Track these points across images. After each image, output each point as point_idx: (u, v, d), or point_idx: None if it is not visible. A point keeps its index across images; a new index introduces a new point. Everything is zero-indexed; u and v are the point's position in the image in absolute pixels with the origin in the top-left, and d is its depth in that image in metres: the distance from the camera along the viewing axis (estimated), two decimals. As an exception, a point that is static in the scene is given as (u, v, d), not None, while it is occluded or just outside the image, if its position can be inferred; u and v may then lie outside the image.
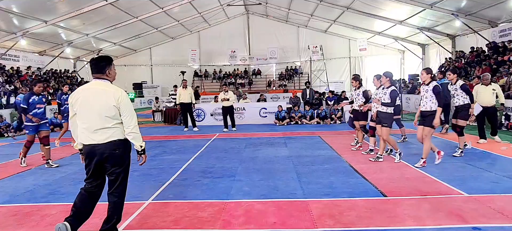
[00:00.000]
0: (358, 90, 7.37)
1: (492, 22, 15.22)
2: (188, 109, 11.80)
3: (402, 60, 25.60)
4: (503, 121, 10.31)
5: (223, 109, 11.57)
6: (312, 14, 22.42)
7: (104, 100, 3.17)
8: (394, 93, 5.97)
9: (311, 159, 6.76)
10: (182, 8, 20.58)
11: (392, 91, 5.97)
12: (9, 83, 16.74)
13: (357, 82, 7.45)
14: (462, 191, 4.52)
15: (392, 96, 5.96)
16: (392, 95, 5.96)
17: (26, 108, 6.46)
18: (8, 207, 4.46)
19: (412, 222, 3.62)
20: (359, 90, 7.37)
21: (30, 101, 6.49)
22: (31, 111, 6.48)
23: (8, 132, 12.08)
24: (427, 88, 5.75)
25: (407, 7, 16.35)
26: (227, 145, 8.76)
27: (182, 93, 11.67)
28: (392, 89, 5.99)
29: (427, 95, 5.73)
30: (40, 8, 14.71)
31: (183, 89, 11.73)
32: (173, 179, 5.60)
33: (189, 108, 11.78)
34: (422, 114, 5.87)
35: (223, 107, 11.56)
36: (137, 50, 27.48)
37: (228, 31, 27.10)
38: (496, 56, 14.10)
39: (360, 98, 7.30)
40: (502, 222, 3.57)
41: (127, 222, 3.83)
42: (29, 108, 6.47)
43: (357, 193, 4.61)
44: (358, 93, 7.35)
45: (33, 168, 6.67)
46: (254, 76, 28.11)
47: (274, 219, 3.80)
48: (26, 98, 6.51)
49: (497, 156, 6.65)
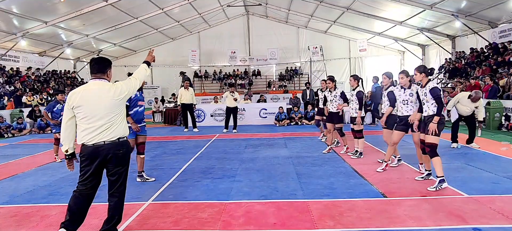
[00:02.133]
0: (335, 92, 7.31)
1: (492, 23, 15.23)
2: (189, 110, 11.79)
3: (402, 61, 25.61)
4: (503, 122, 10.32)
5: (228, 110, 11.39)
6: (312, 15, 22.43)
7: (108, 97, 3.20)
8: (390, 95, 5.72)
9: (311, 160, 6.76)
10: (182, 9, 20.59)
11: (388, 93, 5.77)
12: (9, 84, 16.75)
13: (332, 84, 7.37)
14: (462, 192, 4.52)
15: (389, 97, 5.75)
16: (389, 96, 5.75)
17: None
18: (8, 208, 4.45)
19: (412, 222, 3.62)
20: (336, 91, 7.31)
21: (55, 110, 7.29)
22: (57, 117, 7.21)
23: (9, 133, 12.09)
24: (424, 90, 4.86)
25: (407, 7, 16.36)
26: (227, 146, 8.76)
27: (183, 93, 11.64)
28: (388, 91, 5.78)
29: (427, 99, 4.82)
30: (40, 9, 14.72)
31: (185, 90, 11.68)
32: (173, 179, 5.59)
33: (190, 109, 11.77)
34: (423, 119, 4.98)
35: (227, 108, 11.39)
36: (137, 51, 27.48)
37: (228, 32, 27.12)
38: (496, 57, 14.11)
39: (338, 99, 7.27)
40: (502, 222, 3.56)
41: (127, 223, 3.82)
42: (54, 115, 7.28)
43: (357, 193, 4.60)
44: (335, 95, 7.29)
45: (33, 169, 6.66)
46: (254, 77, 28.12)
47: (274, 220, 3.79)
48: (51, 106, 7.38)
49: (498, 156, 6.65)
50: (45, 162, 7.26)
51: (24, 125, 12.68)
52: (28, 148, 9.30)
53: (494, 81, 11.98)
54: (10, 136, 12.00)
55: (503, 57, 13.73)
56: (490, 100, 10.83)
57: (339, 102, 7.26)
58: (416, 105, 5.21)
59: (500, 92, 11.50)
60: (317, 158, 6.92)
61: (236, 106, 11.46)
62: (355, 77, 6.86)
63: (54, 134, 7.38)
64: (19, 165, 7.13)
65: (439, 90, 4.78)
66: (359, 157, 6.73)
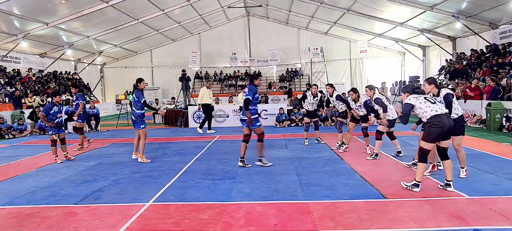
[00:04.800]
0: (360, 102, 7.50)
1: (493, 24, 15.22)
2: (210, 111, 11.62)
3: (403, 62, 25.59)
4: (504, 123, 10.30)
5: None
6: (313, 16, 22.43)
7: None
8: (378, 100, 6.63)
9: (311, 161, 6.76)
10: (183, 10, 20.61)
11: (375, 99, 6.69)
12: (10, 85, 16.77)
13: (356, 95, 7.47)
14: (463, 193, 4.51)
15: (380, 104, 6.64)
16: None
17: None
18: (8, 209, 4.46)
19: (413, 224, 3.62)
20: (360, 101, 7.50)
21: (51, 112, 7.34)
22: (54, 120, 7.38)
23: (10, 134, 12.10)
24: (439, 98, 4.95)
25: (407, 9, 16.34)
26: (228, 147, 8.76)
27: (206, 93, 11.40)
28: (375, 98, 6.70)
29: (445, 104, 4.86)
30: (41, 10, 14.74)
31: (207, 90, 11.49)
32: (174, 180, 5.60)
33: (211, 110, 11.63)
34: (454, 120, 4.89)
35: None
36: (137, 52, 27.51)
37: (229, 33, 27.13)
38: (497, 58, 14.09)
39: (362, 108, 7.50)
40: (503, 224, 3.56)
41: (128, 224, 3.83)
42: (50, 118, 7.32)
43: (358, 195, 4.60)
44: (360, 104, 7.52)
45: (34, 170, 6.67)
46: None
47: (274, 221, 3.79)
48: (47, 108, 7.39)
49: (498, 157, 6.64)
50: (46, 163, 7.27)
51: (25, 126, 12.70)
52: (28, 149, 9.31)
53: (496, 82, 11.97)
54: (11, 137, 12.02)
55: (504, 58, 13.71)
56: (491, 101, 10.82)
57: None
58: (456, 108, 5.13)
59: (501, 93, 11.49)
60: (317, 159, 6.91)
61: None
62: (370, 87, 6.99)
63: (51, 135, 7.37)
64: (20, 166, 7.14)
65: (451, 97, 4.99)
66: (375, 158, 6.74)
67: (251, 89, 6.22)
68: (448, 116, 4.56)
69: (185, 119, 13.87)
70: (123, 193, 5.01)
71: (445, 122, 4.43)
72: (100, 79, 26.98)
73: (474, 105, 12.02)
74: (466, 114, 12.19)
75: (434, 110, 4.51)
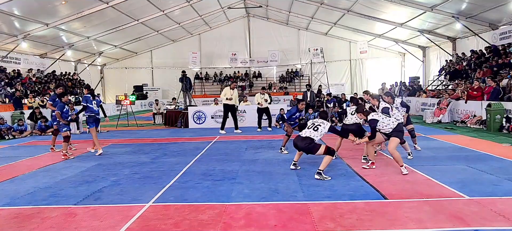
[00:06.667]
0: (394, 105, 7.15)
1: (493, 25, 15.23)
2: (232, 111, 11.69)
3: (403, 63, 25.62)
4: (504, 123, 10.29)
5: (259, 110, 12.07)
6: (313, 16, 22.46)
7: None
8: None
9: (311, 162, 6.75)
10: (183, 11, 20.64)
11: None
12: (10, 86, 16.78)
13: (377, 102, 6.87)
14: (463, 194, 4.51)
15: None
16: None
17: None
18: (9, 210, 4.45)
19: (413, 224, 3.62)
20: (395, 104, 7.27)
21: (64, 110, 8.10)
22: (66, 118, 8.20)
23: (9, 134, 12.10)
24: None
25: (407, 9, 16.36)
26: (228, 148, 8.76)
27: (229, 93, 11.39)
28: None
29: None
30: (41, 11, 14.77)
31: (232, 90, 11.49)
32: (174, 181, 5.59)
33: (234, 110, 11.74)
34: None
35: (259, 109, 12.07)
36: (138, 52, 27.55)
37: (229, 34, 27.17)
38: (497, 59, 14.10)
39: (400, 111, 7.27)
40: (503, 224, 3.56)
41: (128, 224, 3.83)
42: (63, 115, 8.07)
43: (358, 195, 4.60)
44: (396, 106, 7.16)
45: (34, 171, 6.67)
46: (255, 78, 28.14)
47: (274, 222, 3.79)
48: (60, 107, 8.07)
49: (498, 158, 6.64)
50: (46, 164, 7.26)
51: (25, 126, 12.69)
52: (28, 150, 9.31)
53: (496, 82, 11.97)
54: (11, 137, 12.01)
55: (504, 59, 13.72)
56: (491, 102, 10.81)
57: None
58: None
59: (501, 94, 11.49)
60: (318, 160, 6.89)
61: (267, 107, 12.13)
62: (373, 96, 6.90)
63: (64, 132, 7.89)
64: (20, 166, 7.13)
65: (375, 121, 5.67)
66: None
67: (290, 111, 7.75)
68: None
69: (185, 120, 13.86)
70: (123, 193, 5.01)
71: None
72: (100, 80, 27.00)
73: (474, 106, 12.03)
74: (466, 115, 12.22)
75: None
